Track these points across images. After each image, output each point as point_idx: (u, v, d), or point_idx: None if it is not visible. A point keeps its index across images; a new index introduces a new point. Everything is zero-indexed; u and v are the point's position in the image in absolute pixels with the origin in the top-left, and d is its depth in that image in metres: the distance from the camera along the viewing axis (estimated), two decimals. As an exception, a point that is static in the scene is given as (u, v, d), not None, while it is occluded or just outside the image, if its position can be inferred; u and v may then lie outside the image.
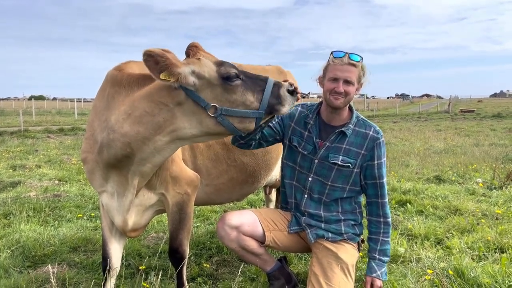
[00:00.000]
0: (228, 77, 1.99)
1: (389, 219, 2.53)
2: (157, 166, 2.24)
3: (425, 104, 60.32)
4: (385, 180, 2.50)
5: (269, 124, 2.56)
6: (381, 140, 2.48)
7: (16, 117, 22.14)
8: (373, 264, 2.49)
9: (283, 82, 2.10)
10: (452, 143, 11.94)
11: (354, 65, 2.36)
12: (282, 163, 2.72)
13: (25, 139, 13.11)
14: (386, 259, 2.51)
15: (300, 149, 2.55)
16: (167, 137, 2.06)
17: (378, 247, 2.50)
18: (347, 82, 2.36)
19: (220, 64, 2.03)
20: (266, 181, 3.30)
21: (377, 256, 2.49)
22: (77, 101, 41.17)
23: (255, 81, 2.05)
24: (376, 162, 2.46)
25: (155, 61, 1.89)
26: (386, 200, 2.52)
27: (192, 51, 2.09)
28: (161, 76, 1.90)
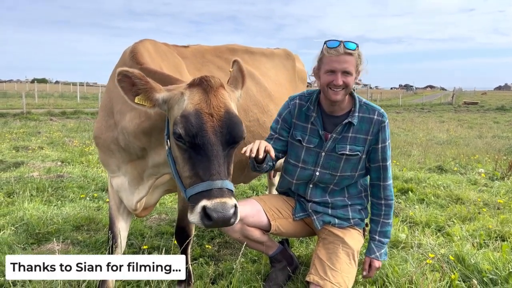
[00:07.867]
0: (178, 136, 1.73)
1: (391, 201, 2.50)
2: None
3: (429, 95, 59.99)
4: (389, 163, 2.45)
5: (279, 137, 2.54)
6: (386, 123, 2.42)
7: (19, 100, 22.13)
8: (373, 245, 2.49)
9: (213, 201, 1.62)
10: (455, 135, 11.93)
11: (350, 54, 2.20)
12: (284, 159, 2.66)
13: (27, 121, 13.13)
14: (386, 240, 2.51)
15: (304, 143, 2.46)
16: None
17: (378, 229, 2.50)
18: (346, 73, 2.22)
19: (184, 116, 1.71)
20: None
21: (377, 238, 2.49)
22: (79, 85, 41.14)
23: (201, 164, 1.70)
24: (380, 145, 2.41)
25: (132, 82, 1.79)
26: (389, 182, 2.48)
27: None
28: (136, 100, 1.82)
